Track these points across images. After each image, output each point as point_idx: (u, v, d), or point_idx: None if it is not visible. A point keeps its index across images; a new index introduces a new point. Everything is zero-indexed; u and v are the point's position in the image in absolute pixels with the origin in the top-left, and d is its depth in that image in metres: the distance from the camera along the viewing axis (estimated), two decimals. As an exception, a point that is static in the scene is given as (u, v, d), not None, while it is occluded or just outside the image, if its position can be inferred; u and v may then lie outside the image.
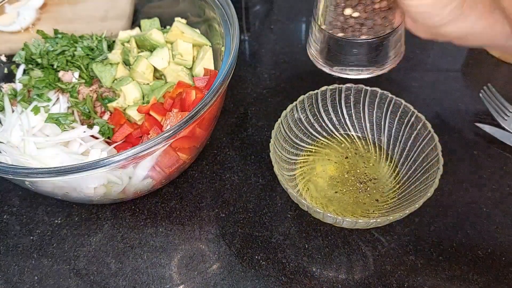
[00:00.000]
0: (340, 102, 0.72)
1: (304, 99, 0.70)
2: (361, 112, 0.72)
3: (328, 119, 0.73)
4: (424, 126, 0.65)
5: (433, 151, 0.62)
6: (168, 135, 0.53)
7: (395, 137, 0.70)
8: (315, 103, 0.71)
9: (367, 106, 0.71)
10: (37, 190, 0.63)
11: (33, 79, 0.72)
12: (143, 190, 0.67)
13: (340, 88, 0.70)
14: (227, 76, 0.60)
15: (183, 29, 0.74)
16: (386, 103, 0.69)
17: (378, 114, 0.71)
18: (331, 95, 0.71)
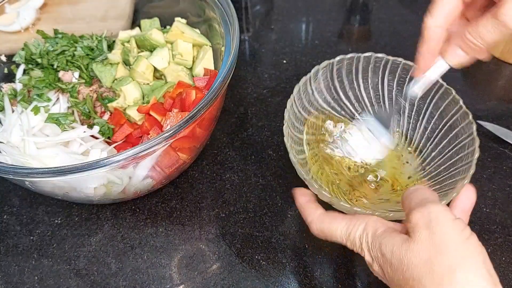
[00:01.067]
0: (357, 74, 0.69)
1: (318, 70, 0.66)
2: (379, 86, 0.68)
3: (343, 94, 0.70)
4: (454, 100, 0.62)
5: (466, 130, 0.58)
6: (168, 135, 0.53)
7: (418, 114, 0.66)
8: (330, 75, 0.68)
9: (386, 78, 0.68)
10: (37, 190, 0.63)
11: (33, 79, 0.72)
12: (143, 190, 0.67)
13: (358, 57, 0.67)
14: (227, 76, 0.60)
15: (183, 29, 0.74)
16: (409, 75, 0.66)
17: (398, 88, 0.67)
18: (347, 66, 0.68)
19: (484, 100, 0.83)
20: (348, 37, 0.98)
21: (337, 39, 0.96)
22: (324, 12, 1.03)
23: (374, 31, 0.98)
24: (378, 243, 0.46)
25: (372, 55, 0.67)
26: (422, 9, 1.06)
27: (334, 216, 0.51)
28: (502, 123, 0.76)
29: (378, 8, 1.03)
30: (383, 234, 0.46)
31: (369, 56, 0.67)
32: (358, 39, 0.97)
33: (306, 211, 0.54)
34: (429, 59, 0.53)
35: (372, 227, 0.47)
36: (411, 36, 0.96)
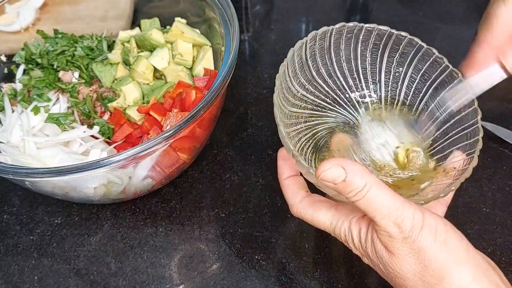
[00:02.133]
0: (356, 49, 0.61)
1: (315, 35, 0.59)
2: (377, 63, 0.62)
3: (346, 61, 0.62)
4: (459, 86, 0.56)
5: (472, 117, 0.52)
6: (168, 135, 0.53)
7: (421, 87, 0.60)
8: (327, 44, 0.60)
9: (386, 55, 0.61)
10: (37, 190, 0.63)
11: (33, 79, 0.72)
12: (143, 190, 0.67)
13: (360, 28, 0.59)
14: (227, 76, 0.60)
15: (183, 29, 0.74)
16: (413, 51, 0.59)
17: (399, 66, 0.61)
18: (347, 34, 0.60)
19: (484, 100, 0.83)
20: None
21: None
22: (324, 12, 1.03)
23: (374, 31, 0.98)
24: (363, 247, 0.46)
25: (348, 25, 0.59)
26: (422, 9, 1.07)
27: (317, 206, 0.50)
28: (502, 123, 0.77)
29: (378, 8, 1.03)
30: (366, 238, 0.45)
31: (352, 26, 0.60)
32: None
33: (288, 192, 0.52)
34: (488, 54, 0.47)
35: (356, 228, 0.46)
36: (411, 36, 0.96)
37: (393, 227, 0.41)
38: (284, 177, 0.53)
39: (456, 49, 0.92)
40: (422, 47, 0.58)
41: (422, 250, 0.41)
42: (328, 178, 0.42)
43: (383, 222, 0.41)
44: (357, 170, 0.41)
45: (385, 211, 0.41)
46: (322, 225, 0.49)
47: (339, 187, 0.42)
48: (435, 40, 0.94)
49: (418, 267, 0.41)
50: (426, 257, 0.41)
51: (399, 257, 0.42)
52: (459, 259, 0.41)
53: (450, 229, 0.43)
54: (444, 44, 0.93)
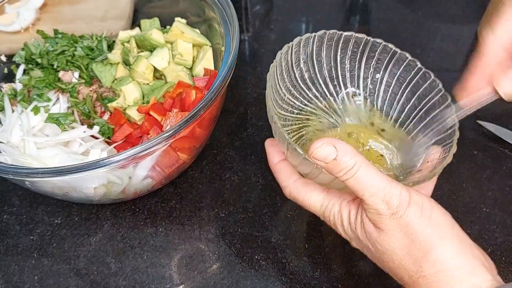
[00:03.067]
0: (336, 54, 0.64)
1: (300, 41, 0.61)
2: (356, 67, 0.64)
3: (327, 69, 0.65)
4: (432, 84, 0.59)
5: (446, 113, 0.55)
6: (168, 135, 0.53)
7: (397, 91, 0.62)
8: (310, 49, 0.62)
9: (364, 60, 0.63)
10: (37, 190, 0.63)
11: (33, 79, 0.72)
12: (143, 190, 0.67)
13: (339, 35, 0.61)
14: (227, 76, 0.60)
15: (183, 29, 0.74)
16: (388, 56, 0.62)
17: (376, 72, 0.63)
18: (327, 42, 0.62)
19: (483, 100, 0.83)
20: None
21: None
22: (324, 12, 1.03)
23: (374, 31, 0.98)
24: (352, 228, 0.48)
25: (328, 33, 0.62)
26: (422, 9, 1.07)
27: (310, 188, 0.51)
28: (502, 123, 0.77)
29: (378, 8, 1.03)
30: (356, 219, 0.47)
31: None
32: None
33: (281, 175, 0.54)
34: (480, 81, 0.49)
35: (346, 210, 0.48)
36: (411, 36, 0.96)
37: (381, 204, 0.43)
38: (275, 161, 0.54)
39: (456, 49, 0.93)
40: (396, 52, 0.61)
41: (408, 225, 0.43)
42: (320, 155, 0.43)
43: (371, 200, 0.43)
44: (348, 149, 0.43)
45: (373, 189, 0.43)
46: (313, 207, 0.51)
47: (330, 166, 0.44)
48: (435, 40, 0.94)
49: (405, 241, 0.43)
50: (412, 231, 0.43)
51: (387, 233, 0.44)
52: (443, 233, 0.43)
53: (435, 205, 0.45)
54: (444, 44, 0.93)
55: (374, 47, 0.62)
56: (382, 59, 0.62)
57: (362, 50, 0.62)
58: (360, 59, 0.63)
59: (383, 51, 0.61)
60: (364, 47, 0.62)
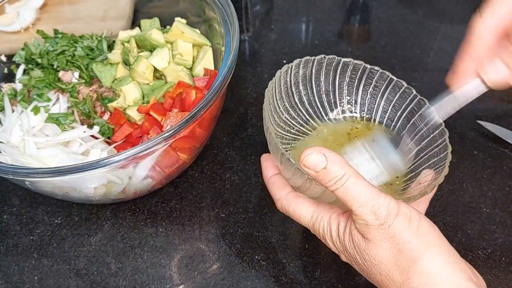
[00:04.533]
0: (335, 78, 0.66)
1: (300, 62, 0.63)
2: (354, 90, 0.66)
3: (325, 93, 0.67)
4: (426, 112, 0.59)
5: (440, 136, 0.57)
6: (168, 135, 0.53)
7: (393, 116, 0.64)
8: (309, 71, 0.65)
9: (362, 85, 0.65)
10: (37, 190, 0.63)
11: (33, 79, 0.72)
12: (143, 190, 0.67)
13: (338, 61, 0.64)
14: (227, 76, 0.60)
15: (183, 29, 0.74)
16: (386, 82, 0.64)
17: (374, 93, 0.65)
18: (326, 67, 0.65)
19: (484, 100, 0.83)
20: (348, 37, 0.98)
21: (337, 39, 0.97)
22: (324, 12, 1.03)
23: (374, 31, 0.98)
24: (341, 240, 0.48)
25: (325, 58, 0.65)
26: (422, 9, 1.07)
27: (300, 201, 0.52)
28: (502, 123, 0.77)
29: (378, 8, 1.03)
30: (344, 231, 0.47)
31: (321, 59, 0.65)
32: (358, 39, 0.97)
33: (273, 187, 0.55)
34: (470, 68, 0.49)
35: (335, 222, 0.48)
36: (411, 36, 0.96)
37: (369, 215, 0.43)
38: (269, 175, 0.56)
39: (456, 49, 0.92)
40: (393, 80, 0.63)
41: (396, 235, 0.43)
42: (310, 163, 0.44)
43: (360, 210, 0.43)
44: (337, 159, 0.44)
45: (362, 199, 0.43)
46: (303, 219, 0.52)
47: (320, 175, 0.44)
48: (435, 40, 0.94)
49: (393, 252, 0.43)
50: (400, 241, 0.43)
51: (375, 243, 0.44)
52: (431, 245, 0.43)
53: (423, 218, 0.45)
54: (444, 44, 0.93)
55: (372, 74, 0.64)
56: (379, 86, 0.64)
57: (360, 77, 0.65)
58: (358, 85, 0.66)
59: (380, 78, 0.64)
60: (362, 73, 0.64)
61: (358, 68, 0.64)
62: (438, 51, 0.92)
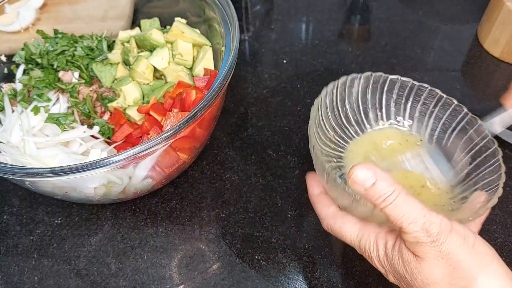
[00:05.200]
0: (382, 96, 0.66)
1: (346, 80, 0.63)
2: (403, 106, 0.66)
3: (372, 110, 0.67)
4: (478, 130, 0.60)
5: (492, 157, 0.56)
6: (168, 135, 0.53)
7: (443, 134, 0.64)
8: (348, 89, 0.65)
9: (411, 100, 0.65)
10: (37, 190, 0.63)
11: (33, 79, 0.72)
12: (143, 190, 0.67)
13: (385, 78, 0.64)
14: (227, 76, 0.60)
15: (183, 29, 0.74)
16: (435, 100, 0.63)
17: (422, 110, 0.65)
18: (373, 84, 0.65)
19: (484, 100, 0.83)
20: (348, 37, 0.98)
21: (337, 39, 0.96)
22: (324, 12, 1.03)
23: (374, 31, 0.98)
24: (389, 258, 0.46)
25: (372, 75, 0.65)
26: (422, 9, 1.07)
27: (346, 219, 0.51)
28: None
29: (378, 8, 1.03)
30: (393, 250, 0.45)
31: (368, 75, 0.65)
32: (358, 39, 0.97)
33: (319, 206, 0.54)
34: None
35: (382, 241, 0.47)
36: (411, 36, 0.96)
37: (420, 232, 0.41)
38: (315, 194, 0.56)
39: (456, 49, 0.92)
40: (442, 97, 0.62)
41: (450, 253, 0.41)
42: (359, 179, 0.43)
43: (411, 227, 0.41)
44: (385, 176, 0.43)
45: (412, 216, 0.41)
46: (348, 237, 0.50)
47: (369, 192, 0.43)
48: (435, 40, 0.94)
49: (447, 270, 0.41)
50: (455, 259, 0.41)
51: (428, 261, 0.42)
52: (487, 264, 0.41)
53: (478, 237, 0.43)
54: (444, 44, 0.93)
55: (420, 91, 0.64)
56: (428, 103, 0.64)
57: (407, 94, 0.64)
58: (406, 102, 0.65)
59: (429, 96, 0.63)
60: (410, 91, 0.64)
61: (405, 85, 0.64)
62: (439, 51, 0.92)
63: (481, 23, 0.93)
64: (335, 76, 0.63)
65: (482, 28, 0.92)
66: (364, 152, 0.65)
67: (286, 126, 0.80)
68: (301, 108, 0.83)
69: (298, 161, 0.75)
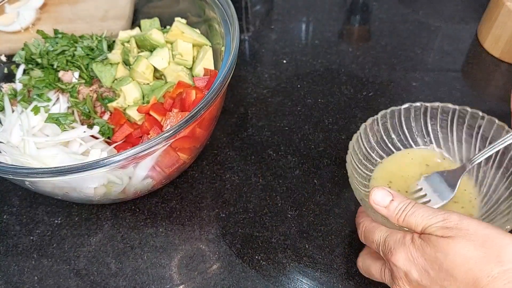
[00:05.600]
0: (426, 121, 0.69)
1: (386, 113, 0.67)
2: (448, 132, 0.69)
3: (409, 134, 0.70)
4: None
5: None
6: (168, 135, 0.53)
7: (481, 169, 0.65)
8: (398, 119, 0.68)
9: (455, 127, 0.68)
10: (37, 190, 0.63)
11: (33, 79, 0.72)
12: (143, 190, 0.67)
13: (425, 107, 0.67)
14: (227, 76, 0.60)
15: (183, 29, 0.74)
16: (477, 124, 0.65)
17: (467, 136, 0.67)
18: (415, 112, 0.68)
19: (484, 100, 0.83)
20: (348, 37, 0.98)
21: (337, 39, 0.96)
22: (324, 12, 1.03)
23: (374, 31, 0.98)
24: (417, 245, 0.47)
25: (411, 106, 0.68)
26: (422, 9, 1.07)
27: (376, 225, 0.54)
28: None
29: (378, 8, 1.03)
30: (421, 240, 0.47)
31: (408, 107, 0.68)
32: (358, 39, 0.97)
33: (361, 213, 0.58)
34: None
35: (410, 236, 0.48)
36: (412, 36, 0.96)
37: (444, 221, 0.45)
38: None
39: (456, 49, 0.92)
40: (484, 117, 0.64)
41: (477, 231, 0.44)
42: (378, 198, 0.50)
43: (433, 220, 0.46)
44: (399, 194, 0.50)
45: (430, 213, 0.47)
46: (376, 235, 0.52)
47: (390, 209, 0.50)
48: (435, 40, 0.94)
49: (479, 243, 0.43)
50: (482, 233, 0.44)
51: (458, 238, 0.44)
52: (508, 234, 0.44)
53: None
54: (444, 44, 0.93)
55: (463, 114, 0.66)
56: (472, 123, 0.66)
57: (451, 118, 0.67)
58: (451, 126, 0.67)
59: (472, 117, 0.65)
60: (452, 115, 0.66)
61: (447, 111, 0.67)
62: (439, 51, 0.92)
63: (481, 23, 0.93)
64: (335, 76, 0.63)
65: (482, 28, 0.92)
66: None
67: (286, 126, 0.80)
68: (301, 108, 0.83)
69: (298, 161, 0.75)
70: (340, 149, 0.76)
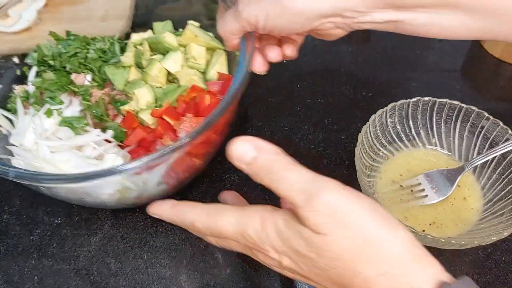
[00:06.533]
0: (431, 116, 0.71)
1: (395, 106, 0.69)
2: (451, 129, 0.71)
3: (415, 130, 0.72)
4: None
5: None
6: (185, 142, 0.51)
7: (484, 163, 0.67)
8: (405, 113, 0.71)
9: (459, 124, 0.70)
10: (52, 194, 0.62)
11: (45, 81, 0.70)
12: (157, 196, 0.65)
13: (434, 101, 0.69)
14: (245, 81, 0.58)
15: (196, 32, 0.73)
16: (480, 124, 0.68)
17: (469, 135, 0.69)
18: (423, 106, 0.70)
19: (484, 100, 0.83)
20: (348, 37, 0.98)
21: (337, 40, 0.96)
22: (324, 12, 1.03)
23: (374, 31, 0.98)
24: (284, 238, 0.39)
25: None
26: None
27: (219, 208, 0.43)
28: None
29: (377, 7, 1.03)
30: (286, 227, 0.39)
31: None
32: (358, 39, 0.97)
33: (181, 213, 0.46)
34: None
35: (271, 221, 0.40)
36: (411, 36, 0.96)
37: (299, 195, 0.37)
38: (168, 207, 0.48)
39: (456, 49, 0.93)
40: (489, 119, 0.66)
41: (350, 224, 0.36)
42: (237, 153, 0.40)
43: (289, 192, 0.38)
44: (269, 148, 0.40)
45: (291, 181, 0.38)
46: (229, 230, 0.42)
47: (252, 168, 0.40)
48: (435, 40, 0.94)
49: (357, 242, 0.36)
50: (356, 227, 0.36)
51: (331, 235, 0.36)
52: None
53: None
54: (444, 44, 0.93)
55: (469, 113, 0.68)
56: (476, 123, 0.68)
57: (456, 115, 0.70)
58: (455, 122, 0.70)
59: (477, 117, 0.68)
60: (458, 112, 0.69)
61: (454, 108, 0.69)
62: (438, 51, 0.92)
63: (480, 24, 0.93)
64: (335, 76, 0.63)
65: (482, 28, 0.92)
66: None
67: (286, 126, 0.80)
68: (301, 108, 0.83)
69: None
70: (340, 149, 0.76)
